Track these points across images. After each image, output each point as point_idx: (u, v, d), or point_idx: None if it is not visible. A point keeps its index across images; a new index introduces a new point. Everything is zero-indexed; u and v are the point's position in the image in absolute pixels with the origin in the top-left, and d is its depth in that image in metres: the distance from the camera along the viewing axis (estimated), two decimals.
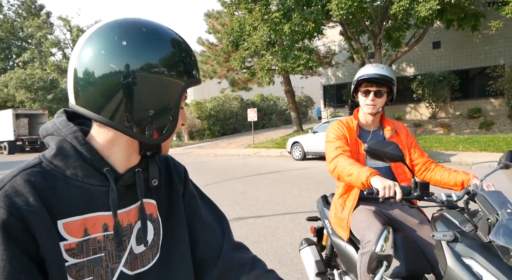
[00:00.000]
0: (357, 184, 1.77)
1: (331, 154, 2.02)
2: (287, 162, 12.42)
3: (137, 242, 0.80)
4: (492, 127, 15.22)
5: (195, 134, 24.34)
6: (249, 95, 27.59)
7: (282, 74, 17.78)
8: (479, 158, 10.35)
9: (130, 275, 0.78)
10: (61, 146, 0.73)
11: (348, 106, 22.51)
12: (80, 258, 0.72)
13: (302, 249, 2.58)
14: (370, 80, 2.00)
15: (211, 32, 22.78)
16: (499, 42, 16.77)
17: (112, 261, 0.76)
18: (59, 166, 0.72)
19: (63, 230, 0.70)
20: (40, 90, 29.09)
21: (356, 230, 1.97)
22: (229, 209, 5.99)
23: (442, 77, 17.25)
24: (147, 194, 0.84)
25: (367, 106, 2.05)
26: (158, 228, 0.85)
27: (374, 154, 1.65)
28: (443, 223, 1.57)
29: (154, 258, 0.83)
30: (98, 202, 0.74)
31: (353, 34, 15.46)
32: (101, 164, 0.74)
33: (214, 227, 0.95)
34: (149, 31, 0.73)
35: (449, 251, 1.42)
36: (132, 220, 0.80)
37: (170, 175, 0.92)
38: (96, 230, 0.74)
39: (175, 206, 0.91)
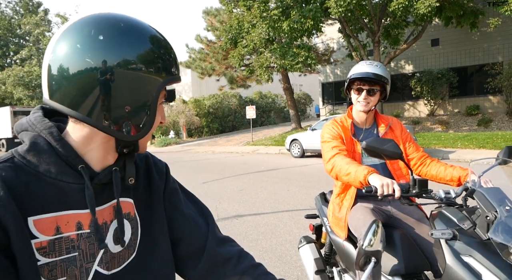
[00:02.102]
0: (355, 183, 1.76)
1: (327, 154, 2.00)
2: (285, 160, 12.43)
3: (114, 241, 0.78)
4: (490, 124, 15.26)
5: (193, 132, 24.31)
6: (247, 93, 27.55)
7: (281, 71, 17.78)
8: (478, 155, 10.38)
9: (106, 275, 0.76)
10: (35, 141, 0.71)
11: (346, 103, 22.49)
12: (52, 257, 0.69)
13: (301, 247, 2.58)
14: (363, 79, 2.00)
15: (209, 30, 22.70)
16: (497, 39, 16.78)
17: (86, 260, 0.73)
18: (32, 162, 0.70)
19: (33, 228, 0.67)
20: (38, 88, 28.98)
21: (353, 228, 1.96)
22: (228, 207, 5.99)
23: (441, 75, 17.27)
24: (124, 193, 0.82)
25: (359, 103, 2.05)
26: (136, 227, 0.83)
27: (372, 152, 1.65)
28: (441, 221, 1.56)
29: (129, 257, 0.81)
30: (71, 200, 0.72)
31: (351, 32, 15.45)
32: (76, 161, 0.72)
33: (198, 222, 0.93)
34: (127, 27, 0.71)
35: (448, 249, 1.42)
36: (107, 219, 0.78)
37: (149, 173, 0.90)
38: (69, 228, 0.71)
39: (155, 204, 0.89)
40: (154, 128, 0.78)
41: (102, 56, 0.68)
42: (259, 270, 0.91)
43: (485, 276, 1.27)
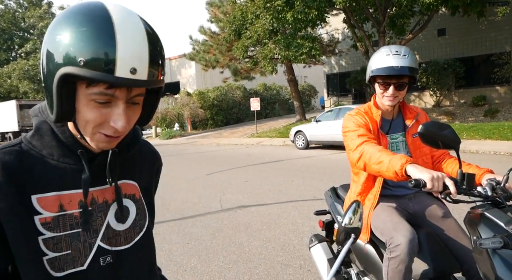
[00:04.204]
0: (389, 173, 1.52)
1: (353, 142, 1.76)
2: (290, 151, 12.42)
3: (116, 219, 0.83)
4: (497, 115, 15.10)
5: (198, 124, 24.35)
6: (252, 85, 27.46)
7: (285, 63, 17.68)
8: (483, 146, 10.31)
9: (109, 250, 0.81)
10: (39, 126, 0.77)
11: (351, 94, 22.39)
12: (57, 232, 0.75)
13: (312, 246, 2.39)
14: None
15: (213, 21, 22.57)
16: (505, 28, 16.52)
17: (89, 236, 0.79)
18: (36, 146, 0.76)
19: (37, 204, 0.74)
20: None
21: (379, 231, 1.79)
22: (232, 198, 6.03)
23: (447, 65, 17.08)
24: (129, 175, 0.88)
25: (386, 97, 1.82)
26: (142, 209, 0.89)
27: (429, 138, 1.44)
28: (486, 226, 1.36)
29: (136, 237, 0.87)
30: (73, 181, 0.77)
31: (356, 22, 15.27)
32: (75, 146, 0.77)
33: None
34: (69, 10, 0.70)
35: (498, 260, 1.27)
36: (109, 198, 0.83)
37: (152, 167, 0.98)
38: (72, 206, 0.77)
39: (151, 194, 0.98)
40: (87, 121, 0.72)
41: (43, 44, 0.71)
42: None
43: None
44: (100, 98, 0.69)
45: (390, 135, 1.92)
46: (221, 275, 3.26)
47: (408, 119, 1.94)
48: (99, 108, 0.70)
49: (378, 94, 1.86)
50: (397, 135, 1.94)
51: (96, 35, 0.65)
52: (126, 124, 0.73)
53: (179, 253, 3.84)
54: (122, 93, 0.70)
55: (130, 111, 0.74)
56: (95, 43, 0.64)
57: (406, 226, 1.68)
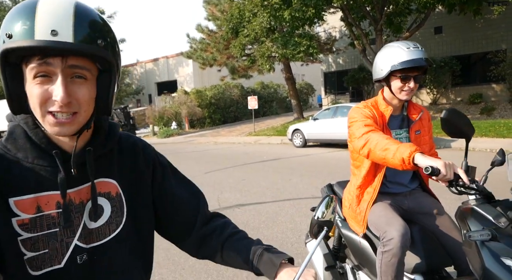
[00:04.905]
0: (395, 161, 1.52)
1: (359, 130, 1.77)
2: (288, 150, 12.45)
3: (90, 218, 0.84)
4: (493, 112, 15.17)
5: (195, 123, 24.33)
6: (249, 83, 27.46)
7: (282, 61, 17.68)
8: (480, 143, 10.38)
9: (85, 248, 0.82)
10: (12, 130, 0.79)
11: (349, 93, 22.43)
12: (34, 232, 0.76)
13: (308, 242, 2.45)
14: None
15: (210, 19, 22.52)
16: (501, 26, 16.58)
17: (66, 235, 0.80)
18: (11, 149, 0.77)
19: (14, 207, 0.75)
20: None
21: (374, 226, 1.85)
22: (230, 196, 6.05)
23: (444, 63, 17.14)
24: (107, 174, 0.87)
25: (405, 92, 1.83)
26: (119, 206, 0.88)
27: (450, 124, 1.49)
28: (476, 219, 1.43)
29: (111, 233, 0.87)
30: (49, 182, 0.78)
31: (354, 20, 15.28)
32: (49, 147, 0.78)
33: (189, 203, 1.01)
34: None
35: (487, 252, 1.32)
36: (84, 198, 0.83)
37: (136, 158, 0.95)
38: (49, 207, 0.78)
39: (141, 187, 0.94)
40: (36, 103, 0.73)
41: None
42: (238, 235, 0.99)
43: None
44: (37, 71, 0.70)
45: (395, 131, 1.95)
46: (219, 273, 3.28)
47: (413, 116, 1.97)
48: (41, 84, 0.71)
49: (396, 89, 1.84)
50: (401, 131, 1.97)
51: (19, 11, 0.69)
52: (67, 96, 0.71)
53: (177, 252, 3.85)
54: (56, 61, 0.70)
55: (75, 86, 0.73)
56: (17, 17, 0.69)
57: (400, 221, 1.72)
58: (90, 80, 0.75)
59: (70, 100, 0.72)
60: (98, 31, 0.73)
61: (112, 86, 0.79)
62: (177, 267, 3.49)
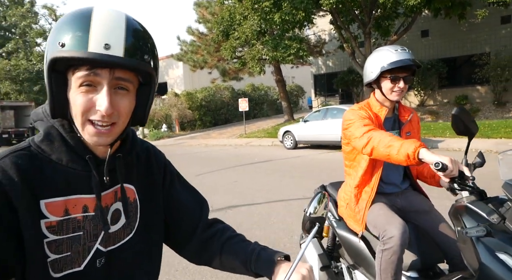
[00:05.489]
0: (400, 157, 1.55)
1: (360, 130, 1.81)
2: (278, 151, 12.55)
3: (111, 222, 0.86)
4: (478, 113, 15.52)
5: (186, 125, 24.26)
6: (240, 85, 27.50)
7: (273, 63, 17.79)
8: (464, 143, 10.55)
9: (103, 251, 0.85)
10: (49, 132, 0.79)
11: (338, 95, 22.65)
12: (60, 235, 0.77)
13: (303, 243, 2.35)
14: (403, 66, 1.85)
15: (201, 22, 22.55)
16: (485, 30, 16.99)
17: (89, 239, 0.82)
18: (46, 151, 0.78)
19: (44, 209, 0.76)
20: (26, 82, 28.50)
21: (372, 225, 1.88)
22: (222, 198, 6.10)
23: (430, 65, 17.45)
24: (127, 179, 0.90)
25: (395, 92, 1.90)
26: (134, 211, 0.91)
27: (459, 120, 1.56)
28: (470, 216, 1.48)
29: (126, 237, 0.89)
30: (79, 185, 0.79)
31: (343, 23, 15.50)
32: (84, 152, 0.79)
33: (193, 210, 1.04)
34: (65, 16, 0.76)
35: (482, 247, 1.36)
36: (109, 202, 0.85)
37: (150, 164, 0.98)
38: (76, 210, 0.80)
39: (154, 192, 0.97)
40: (79, 110, 0.75)
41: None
42: (236, 238, 1.02)
43: None
44: (84, 80, 0.72)
45: (388, 132, 2.02)
46: (212, 274, 3.34)
47: (403, 117, 2.04)
48: (85, 93, 0.73)
49: (386, 90, 1.91)
50: (393, 132, 2.02)
51: (73, 20, 0.71)
52: (110, 107, 0.73)
53: (170, 254, 3.86)
54: (104, 73, 0.72)
55: (117, 97, 0.75)
56: (71, 27, 0.71)
57: (399, 220, 1.77)
58: (131, 92, 0.78)
59: (113, 111, 0.74)
60: (145, 46, 0.76)
61: (151, 98, 0.82)
62: (170, 269, 3.53)
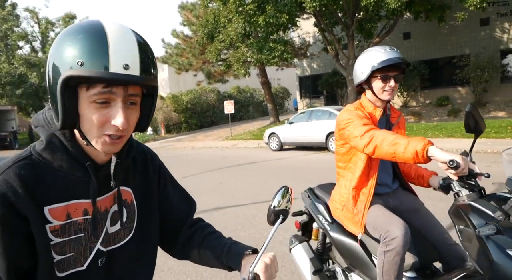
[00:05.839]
0: (407, 154, 1.49)
1: (359, 129, 1.76)
2: (264, 153, 12.61)
3: (111, 223, 0.91)
4: (459, 114, 15.89)
5: (172, 128, 24.15)
6: (225, 87, 27.54)
7: (258, 66, 17.90)
8: (447, 144, 10.88)
9: (104, 251, 0.90)
10: (50, 140, 0.82)
11: (323, 96, 22.90)
12: (63, 237, 0.83)
13: (293, 247, 2.42)
14: (393, 64, 1.85)
15: (185, 24, 22.54)
16: (464, 32, 17.44)
17: (90, 240, 0.87)
18: (47, 159, 0.81)
19: (48, 215, 0.80)
20: (8, 85, 27.91)
21: (372, 226, 1.86)
22: (208, 199, 6.12)
23: (413, 67, 17.77)
24: (124, 182, 0.94)
25: (386, 91, 1.90)
26: (132, 212, 0.96)
27: (471, 117, 1.58)
28: (477, 214, 1.48)
29: (126, 237, 0.95)
30: (79, 191, 0.84)
31: (326, 26, 15.72)
32: (84, 159, 0.83)
33: (181, 210, 1.11)
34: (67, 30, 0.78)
35: (493, 245, 1.37)
36: (108, 205, 0.90)
37: (146, 166, 1.03)
38: (77, 214, 0.84)
39: (149, 194, 1.02)
40: (92, 125, 0.78)
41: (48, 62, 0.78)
42: (214, 235, 1.10)
43: None
44: (99, 98, 0.75)
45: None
46: (197, 274, 3.37)
47: (393, 118, 2.07)
48: (99, 109, 0.76)
49: (378, 89, 1.91)
50: None
51: (90, 39, 0.73)
52: (126, 122, 0.77)
53: None
54: (119, 91, 0.75)
55: (128, 111, 0.79)
56: (90, 46, 0.73)
57: (400, 220, 1.76)
58: (138, 105, 0.83)
59: (128, 125, 0.79)
60: (152, 61, 0.80)
61: (153, 108, 0.88)
62: (156, 270, 3.52)
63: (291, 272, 3.31)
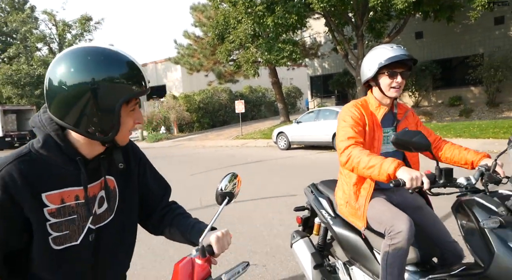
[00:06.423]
0: (381, 177, 1.67)
1: (341, 143, 1.90)
2: (272, 152, 12.80)
3: (98, 206, 1.11)
4: (471, 114, 15.73)
5: (184, 127, 24.52)
6: (237, 87, 27.77)
7: (268, 66, 18.06)
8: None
9: (93, 229, 1.10)
10: (46, 140, 1.00)
11: (334, 96, 22.91)
12: (59, 218, 1.02)
13: (294, 242, 2.48)
14: (400, 61, 1.90)
15: (197, 26, 22.85)
16: (478, 31, 17.22)
17: (82, 220, 1.07)
18: (44, 155, 1.00)
19: (46, 200, 1.00)
20: (27, 86, 28.89)
21: (377, 221, 1.90)
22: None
23: (424, 67, 17.66)
24: (109, 172, 1.14)
25: (394, 88, 1.94)
26: (115, 197, 1.16)
27: (401, 145, 1.64)
28: (481, 208, 1.53)
29: (109, 217, 1.15)
30: (71, 180, 1.03)
31: (336, 26, 15.77)
32: (74, 155, 1.02)
33: (157, 194, 1.32)
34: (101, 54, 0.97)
35: (495, 238, 1.41)
36: (96, 191, 1.10)
37: (128, 157, 1.22)
38: (70, 199, 1.03)
39: (130, 180, 1.22)
40: (128, 128, 1.05)
41: (83, 77, 0.93)
42: (183, 215, 1.30)
43: None
44: (134, 106, 1.04)
45: (384, 129, 2.05)
46: None
47: (399, 114, 2.10)
48: (132, 115, 1.04)
49: (385, 86, 1.95)
50: (388, 129, 2.06)
51: (134, 66, 1.01)
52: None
53: (158, 245, 4.16)
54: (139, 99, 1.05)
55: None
56: (135, 74, 1.01)
57: (405, 215, 1.80)
58: None
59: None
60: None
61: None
62: (156, 258, 3.80)
63: (293, 266, 3.49)
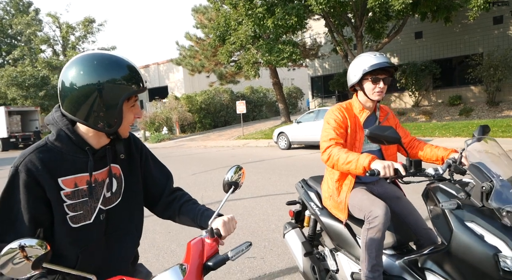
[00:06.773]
0: (358, 170, 1.89)
1: (324, 143, 2.12)
2: (273, 152, 12.98)
3: (106, 190, 1.28)
4: (471, 113, 15.83)
5: (186, 127, 24.74)
6: (239, 88, 27.97)
7: (269, 66, 18.24)
8: (453, 143, 10.98)
9: (104, 209, 1.27)
10: (59, 133, 1.18)
11: (335, 96, 23.07)
12: (74, 200, 1.19)
13: (287, 233, 2.71)
14: (382, 68, 2.08)
15: (198, 27, 23.07)
16: (477, 31, 17.35)
17: (93, 202, 1.24)
18: (58, 146, 1.17)
19: (62, 184, 1.17)
20: (32, 87, 29.22)
21: (357, 208, 2.10)
22: (213, 194, 6.55)
23: (424, 66, 17.79)
24: (115, 161, 1.31)
25: (377, 93, 2.13)
26: (121, 182, 1.33)
27: (375, 139, 1.82)
28: (443, 193, 1.75)
29: (116, 200, 1.32)
30: (83, 167, 1.20)
31: (335, 27, 15.93)
32: (83, 145, 1.20)
33: (160, 181, 1.48)
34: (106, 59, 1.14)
35: (454, 218, 1.60)
36: (104, 177, 1.27)
37: (130, 148, 1.40)
38: (82, 184, 1.21)
39: (133, 169, 1.39)
40: (129, 122, 1.22)
41: (90, 79, 1.11)
42: (191, 201, 1.47)
43: (486, 237, 1.51)
44: (134, 103, 1.21)
45: (366, 130, 2.35)
46: None
47: (381, 117, 2.31)
48: (132, 110, 1.22)
49: (369, 91, 2.15)
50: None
51: (129, 69, 1.17)
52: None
53: (161, 240, 4.36)
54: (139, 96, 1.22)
55: None
56: (134, 76, 1.17)
57: (382, 202, 2.02)
58: None
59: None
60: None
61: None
62: (160, 252, 3.99)
63: (289, 259, 3.68)
